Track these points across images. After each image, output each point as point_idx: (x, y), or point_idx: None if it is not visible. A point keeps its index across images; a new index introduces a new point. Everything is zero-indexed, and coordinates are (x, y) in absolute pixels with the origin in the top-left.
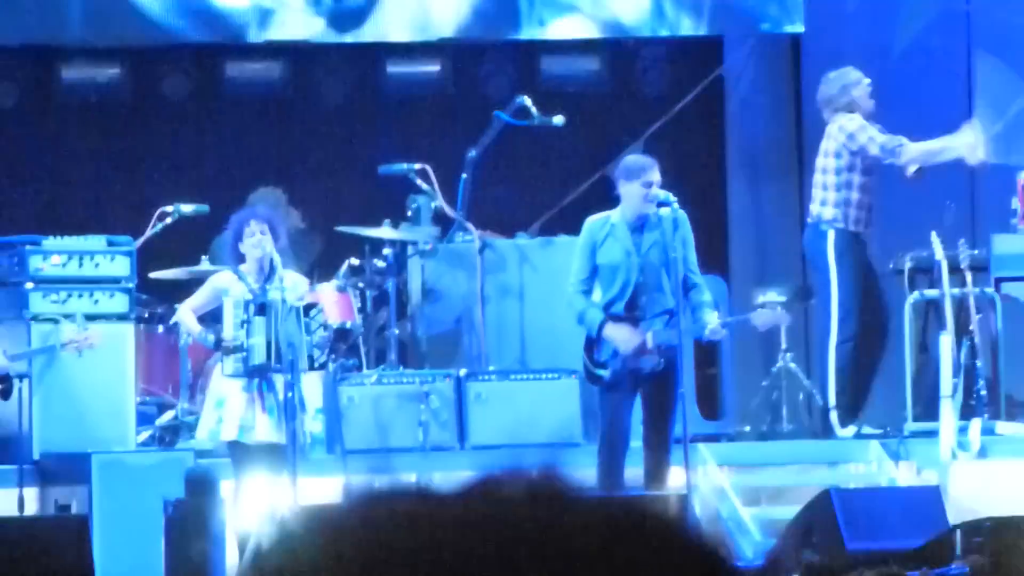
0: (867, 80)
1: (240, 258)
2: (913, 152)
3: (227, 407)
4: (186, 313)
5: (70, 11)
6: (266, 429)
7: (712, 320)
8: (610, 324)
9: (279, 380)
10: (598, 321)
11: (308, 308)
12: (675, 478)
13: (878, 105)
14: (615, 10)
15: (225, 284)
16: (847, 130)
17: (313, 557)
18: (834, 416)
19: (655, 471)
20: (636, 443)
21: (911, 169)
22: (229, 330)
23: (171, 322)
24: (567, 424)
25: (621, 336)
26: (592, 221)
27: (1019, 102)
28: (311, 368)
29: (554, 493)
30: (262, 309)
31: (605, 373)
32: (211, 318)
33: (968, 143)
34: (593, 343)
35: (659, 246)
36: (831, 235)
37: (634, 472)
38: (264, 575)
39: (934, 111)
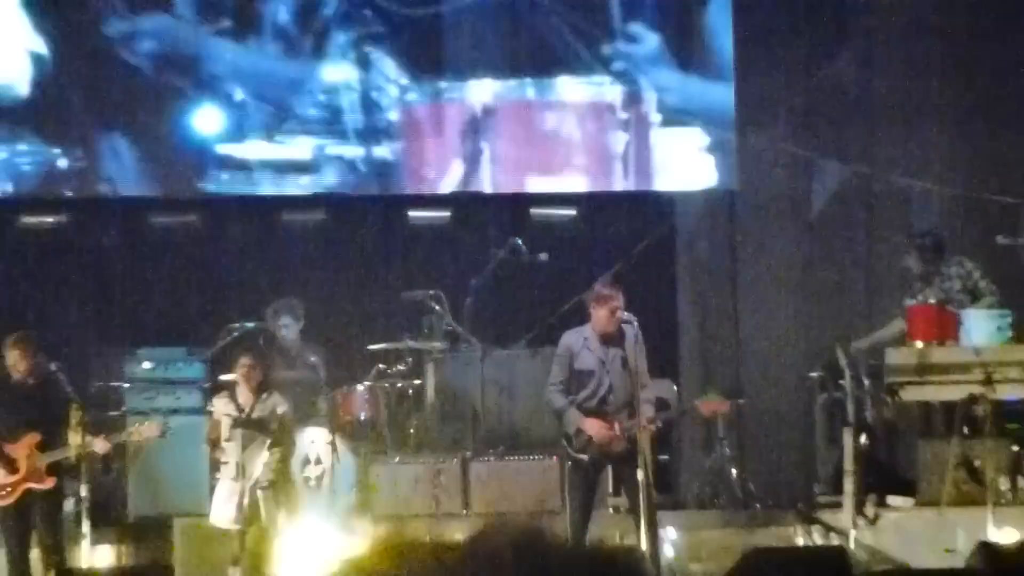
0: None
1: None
2: None
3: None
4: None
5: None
6: None
7: (649, 413)
8: (585, 420)
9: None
10: (576, 419)
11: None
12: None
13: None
14: (587, 171)
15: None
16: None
17: None
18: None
19: (637, 523)
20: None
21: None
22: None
23: None
24: (549, 495)
25: (596, 429)
26: (569, 335)
27: None
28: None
29: (535, 542)
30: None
31: (584, 458)
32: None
33: None
34: (570, 435)
35: (620, 357)
36: None
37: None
38: None
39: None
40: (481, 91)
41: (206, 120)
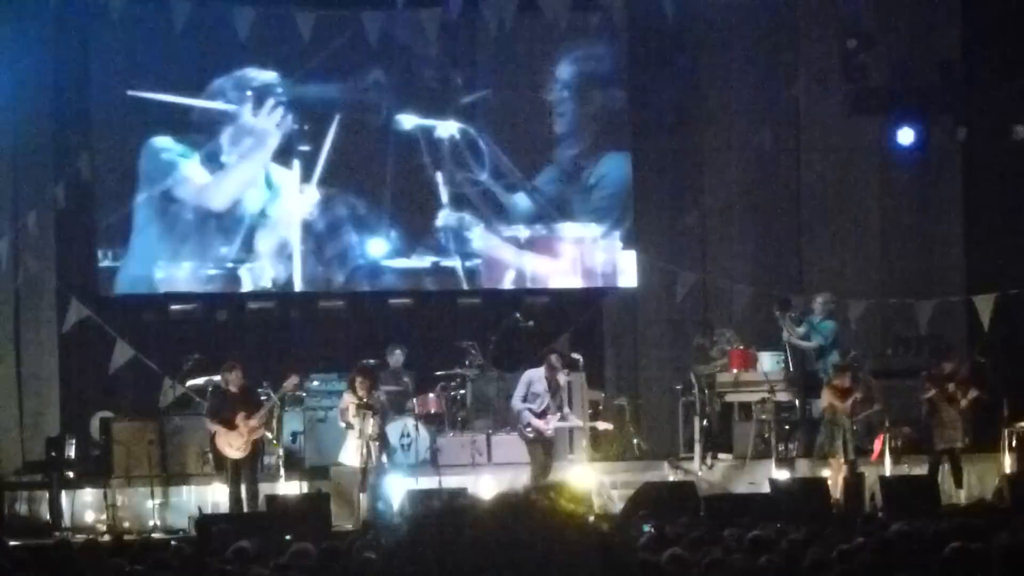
0: None
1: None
2: None
3: None
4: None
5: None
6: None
7: (576, 420)
8: (534, 419)
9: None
10: (528, 417)
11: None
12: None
13: None
14: (556, 281)
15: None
16: None
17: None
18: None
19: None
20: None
21: None
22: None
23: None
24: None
25: (541, 426)
26: (530, 372)
27: None
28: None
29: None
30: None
31: (533, 436)
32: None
33: None
34: (523, 425)
35: (555, 389)
36: None
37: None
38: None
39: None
40: (524, 232)
41: (375, 246)
